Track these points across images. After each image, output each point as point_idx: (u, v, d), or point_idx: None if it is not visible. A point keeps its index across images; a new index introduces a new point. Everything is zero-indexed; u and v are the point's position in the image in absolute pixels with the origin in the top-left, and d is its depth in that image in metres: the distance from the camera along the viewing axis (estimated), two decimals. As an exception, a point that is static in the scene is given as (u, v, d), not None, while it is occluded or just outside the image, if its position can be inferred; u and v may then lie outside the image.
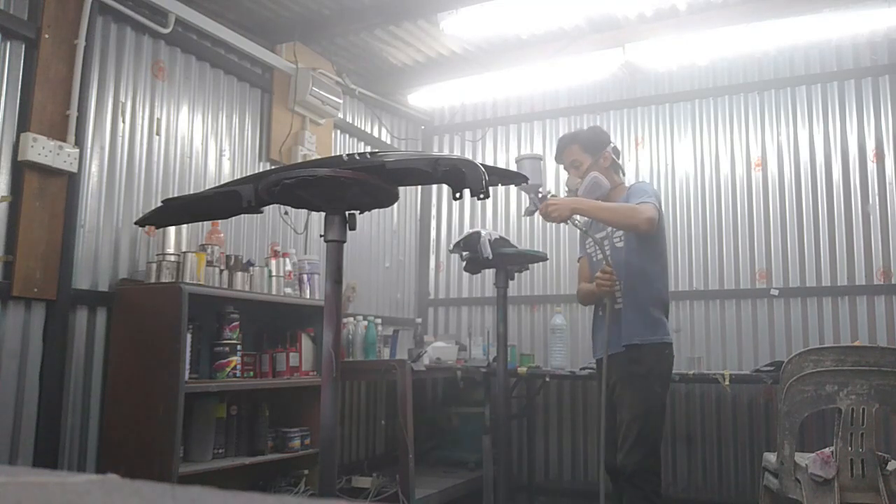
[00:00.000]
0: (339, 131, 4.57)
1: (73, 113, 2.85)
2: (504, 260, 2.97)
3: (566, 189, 2.84)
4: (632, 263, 2.65)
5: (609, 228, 2.73)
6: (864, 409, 2.44)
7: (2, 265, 2.64)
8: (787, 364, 2.58)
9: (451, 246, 3.10)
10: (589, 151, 2.77)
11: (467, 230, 3.30)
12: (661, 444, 2.64)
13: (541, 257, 3.29)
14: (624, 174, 2.95)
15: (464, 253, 2.94)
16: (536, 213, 2.65)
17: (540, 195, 2.61)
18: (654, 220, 2.53)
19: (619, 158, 2.87)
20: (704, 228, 4.39)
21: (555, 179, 4.62)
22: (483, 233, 2.89)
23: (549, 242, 4.80)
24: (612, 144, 2.84)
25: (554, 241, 4.78)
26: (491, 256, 2.82)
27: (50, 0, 2.82)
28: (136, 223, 2.31)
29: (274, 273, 3.51)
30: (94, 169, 3.02)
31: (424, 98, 4.85)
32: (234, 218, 3.51)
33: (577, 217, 2.63)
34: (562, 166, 2.89)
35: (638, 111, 4.71)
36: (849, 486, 2.45)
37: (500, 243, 2.94)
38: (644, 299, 2.64)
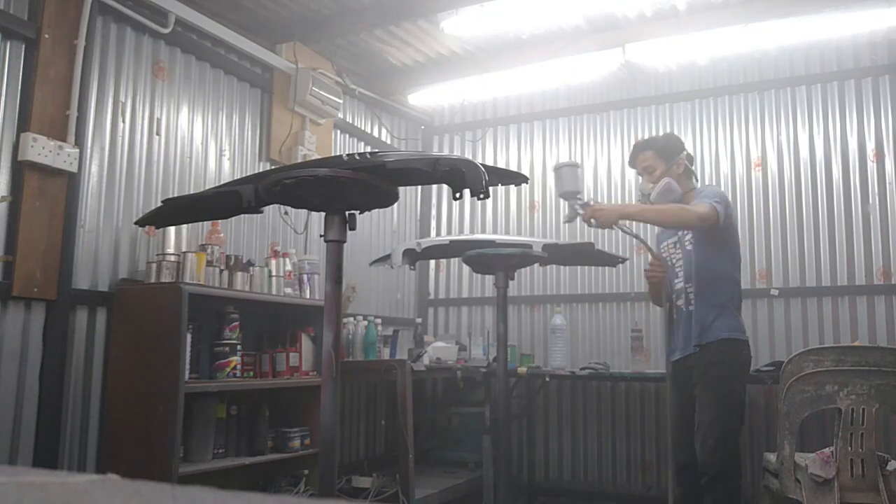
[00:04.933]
0: (339, 131, 4.57)
1: (73, 113, 2.85)
2: (505, 261, 2.96)
3: (640, 193, 2.92)
4: (703, 265, 2.71)
5: (679, 232, 2.81)
6: (864, 409, 2.44)
7: (2, 265, 2.64)
8: (787, 364, 2.58)
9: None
10: (662, 157, 2.83)
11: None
12: (739, 442, 2.67)
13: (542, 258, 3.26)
14: (697, 180, 3.00)
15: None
16: (578, 220, 2.70)
17: (580, 201, 2.68)
18: (707, 216, 2.55)
19: (692, 165, 2.93)
20: (704, 228, 4.40)
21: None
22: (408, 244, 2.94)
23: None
24: (685, 152, 2.89)
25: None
26: (399, 264, 2.89)
27: (50, 0, 2.82)
28: (136, 223, 2.31)
29: (274, 273, 3.51)
30: (94, 169, 3.02)
31: (424, 98, 4.85)
32: (234, 218, 3.52)
33: (626, 223, 2.72)
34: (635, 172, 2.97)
35: (638, 111, 4.71)
36: (849, 486, 2.45)
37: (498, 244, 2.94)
38: (717, 298, 2.68)
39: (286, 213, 3.91)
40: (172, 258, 3.01)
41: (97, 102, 3.05)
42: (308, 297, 3.66)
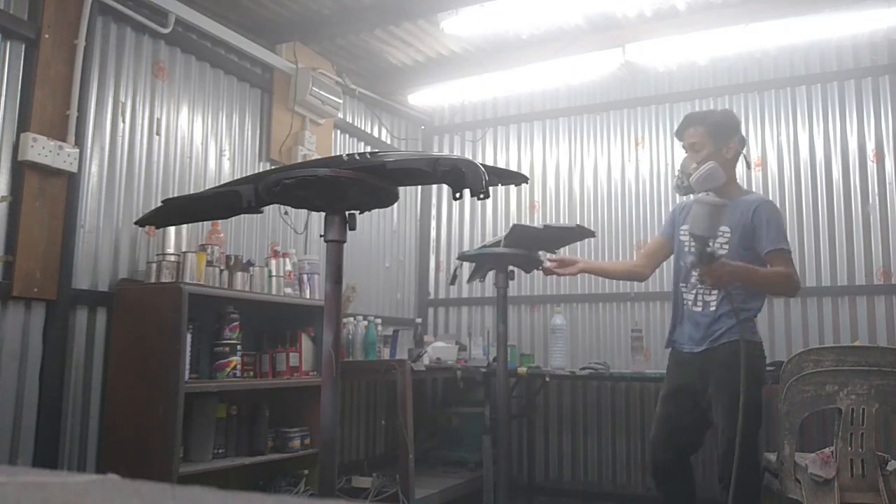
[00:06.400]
0: (339, 131, 4.57)
1: (73, 113, 2.85)
2: (503, 260, 2.95)
3: (679, 171, 2.69)
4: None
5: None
6: (864, 409, 2.43)
7: (2, 265, 2.64)
8: (787, 364, 2.58)
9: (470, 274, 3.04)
10: (713, 136, 2.59)
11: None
12: (758, 443, 2.58)
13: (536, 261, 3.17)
14: (749, 167, 2.80)
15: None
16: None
17: (709, 249, 2.37)
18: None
19: (743, 150, 2.70)
20: (704, 228, 4.38)
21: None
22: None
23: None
24: (740, 135, 2.66)
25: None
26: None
27: (50, 0, 2.82)
28: (136, 223, 2.31)
29: (274, 273, 3.51)
30: (94, 169, 3.02)
31: (424, 98, 4.84)
32: (234, 218, 3.52)
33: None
34: (681, 144, 2.73)
35: (638, 111, 4.71)
36: (849, 486, 2.45)
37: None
38: (744, 304, 2.55)
39: (286, 213, 3.91)
40: (172, 258, 3.01)
41: (97, 102, 3.05)
42: (308, 297, 3.66)
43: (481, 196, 1.57)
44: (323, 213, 1.69)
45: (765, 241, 2.50)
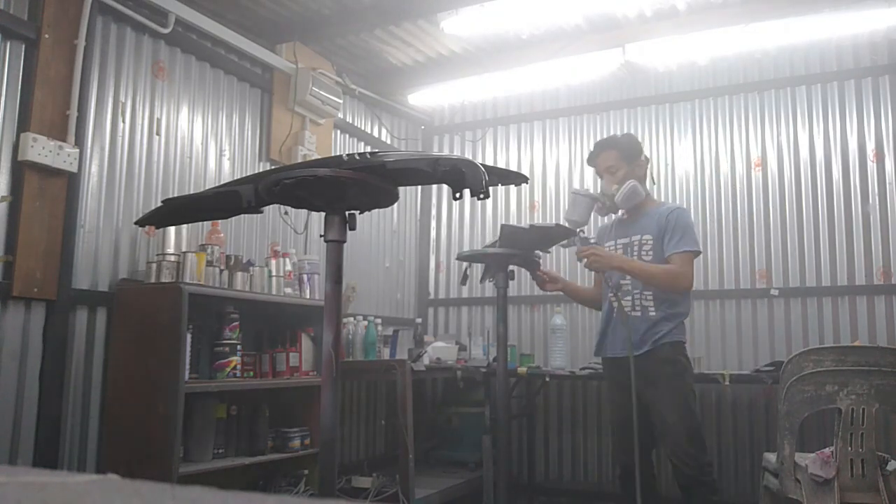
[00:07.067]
0: (339, 131, 4.57)
1: (73, 113, 2.85)
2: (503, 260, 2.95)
3: (601, 194, 2.88)
4: None
5: (633, 238, 2.83)
6: (864, 409, 2.44)
7: (2, 265, 2.64)
8: (787, 364, 2.58)
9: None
10: (626, 158, 2.84)
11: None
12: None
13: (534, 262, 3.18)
14: (654, 183, 3.08)
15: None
16: (573, 250, 2.80)
17: (582, 235, 2.77)
18: (693, 281, 2.72)
19: (648, 168, 2.98)
20: (704, 228, 4.39)
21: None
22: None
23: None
24: (644, 154, 2.93)
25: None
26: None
27: (50, 0, 2.82)
28: (136, 223, 2.31)
29: (274, 273, 3.51)
30: (94, 169, 3.02)
31: (424, 98, 4.84)
32: (234, 218, 3.52)
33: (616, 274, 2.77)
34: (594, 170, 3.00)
35: (638, 111, 4.71)
36: (849, 486, 2.45)
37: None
38: (676, 309, 2.77)
39: (286, 213, 3.91)
40: (172, 258, 3.01)
41: (97, 102, 3.05)
42: (308, 297, 3.66)
43: (481, 196, 1.57)
44: (323, 213, 1.69)
45: (669, 244, 2.74)
